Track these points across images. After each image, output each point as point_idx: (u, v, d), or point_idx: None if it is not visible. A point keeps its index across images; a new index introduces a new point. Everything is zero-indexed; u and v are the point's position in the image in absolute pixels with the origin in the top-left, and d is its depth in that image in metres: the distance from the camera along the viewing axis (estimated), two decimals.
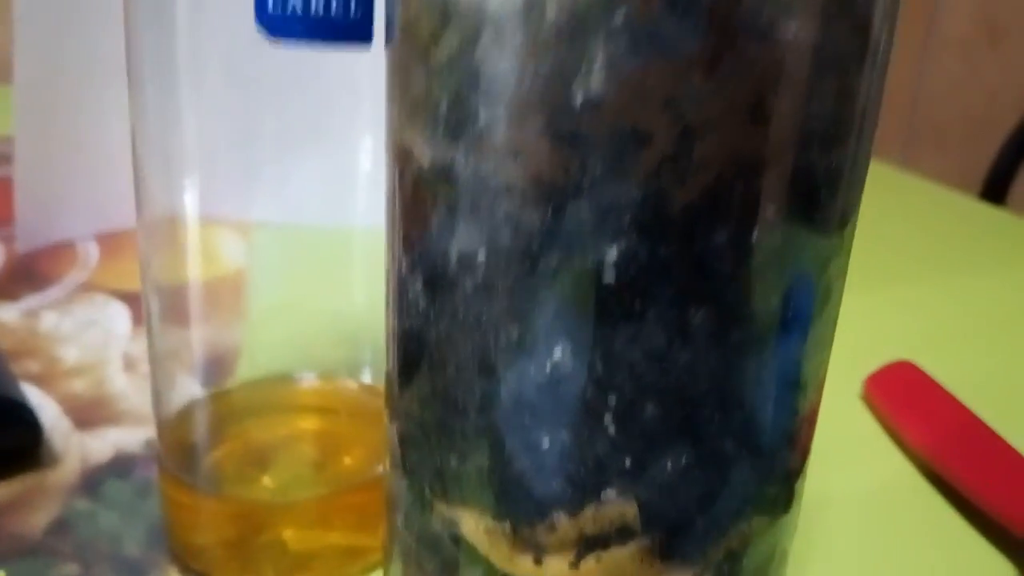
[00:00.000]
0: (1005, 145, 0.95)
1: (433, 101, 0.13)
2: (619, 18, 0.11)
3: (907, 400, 0.34)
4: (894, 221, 0.59)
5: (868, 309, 0.45)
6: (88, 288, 0.40)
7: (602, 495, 0.14)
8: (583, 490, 0.14)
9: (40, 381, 0.32)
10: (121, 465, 0.28)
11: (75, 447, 0.29)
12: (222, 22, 0.20)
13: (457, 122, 0.13)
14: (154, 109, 0.21)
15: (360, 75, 0.21)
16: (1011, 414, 0.35)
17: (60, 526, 0.25)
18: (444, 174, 0.13)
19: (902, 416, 0.33)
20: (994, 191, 0.93)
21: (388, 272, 0.16)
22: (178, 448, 0.24)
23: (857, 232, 0.56)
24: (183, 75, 0.21)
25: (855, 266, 0.51)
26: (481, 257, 0.13)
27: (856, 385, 0.37)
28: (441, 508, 0.16)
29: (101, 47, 0.41)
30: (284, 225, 0.25)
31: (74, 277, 0.41)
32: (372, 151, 0.24)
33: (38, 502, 0.26)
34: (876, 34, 0.12)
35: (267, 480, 0.24)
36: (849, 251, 0.15)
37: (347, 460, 0.25)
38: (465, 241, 0.13)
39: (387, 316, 0.17)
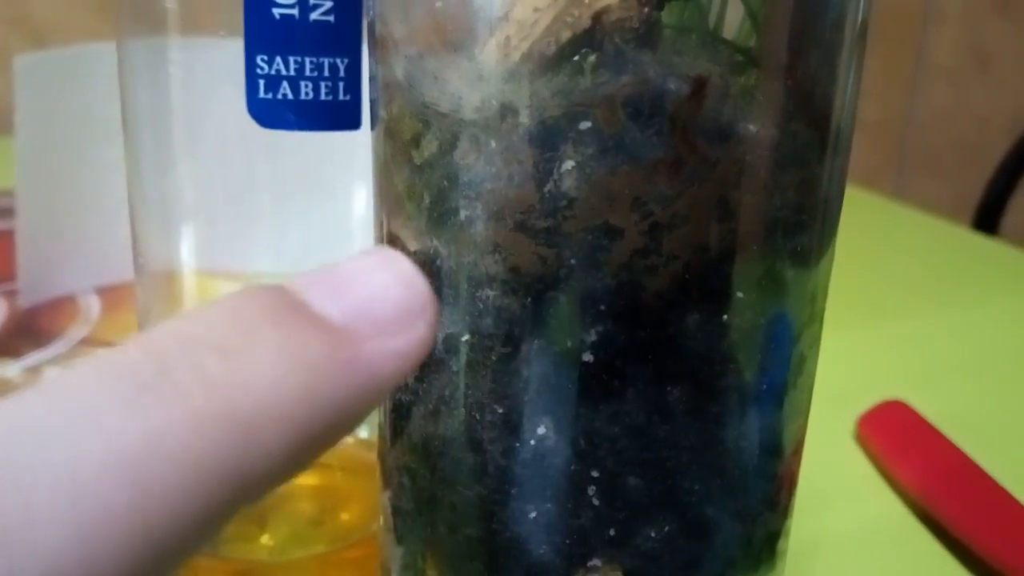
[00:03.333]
0: (996, 172, 0.96)
1: (416, 195, 0.13)
2: (586, 126, 0.12)
3: (899, 441, 0.34)
4: (886, 253, 0.60)
5: (860, 346, 0.45)
6: (90, 342, 0.41)
7: (588, 563, 0.15)
8: (570, 559, 0.15)
9: None
10: None
11: None
12: (215, 78, 0.20)
13: (439, 216, 0.13)
14: (150, 164, 0.22)
15: None
16: (1005, 453, 0.35)
17: None
18: (428, 262, 0.14)
19: (894, 457, 0.34)
20: (987, 219, 0.94)
21: None
22: None
23: (849, 265, 0.57)
24: (178, 129, 0.21)
25: (846, 302, 0.51)
26: (465, 339, 0.14)
27: (849, 425, 0.37)
28: (432, 575, 0.16)
29: (102, 102, 0.42)
30: (281, 275, 0.25)
31: (76, 332, 0.42)
32: (367, 199, 0.25)
33: None
34: (835, 125, 0.13)
35: (266, 538, 0.24)
36: (821, 320, 0.16)
37: (344, 516, 0.26)
38: (450, 325, 0.14)
39: None
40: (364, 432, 0.27)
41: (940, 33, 1.23)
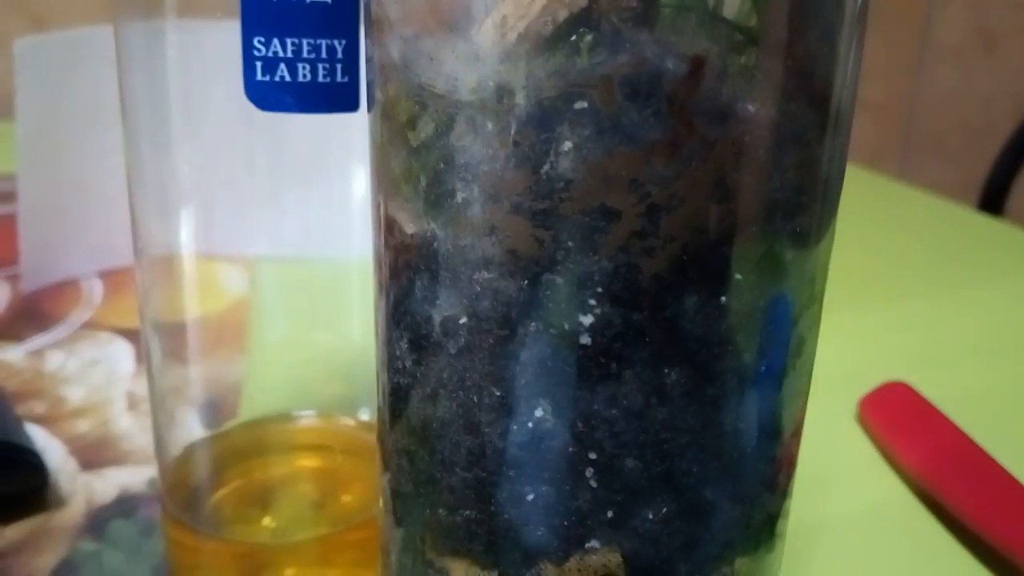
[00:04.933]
0: (1002, 153, 0.95)
1: (413, 177, 0.13)
2: (583, 107, 0.12)
3: (901, 422, 0.34)
4: (891, 234, 0.60)
5: (863, 327, 0.45)
6: (92, 326, 0.41)
7: (586, 545, 0.15)
8: (568, 541, 0.15)
9: (46, 422, 0.33)
10: (126, 505, 0.29)
11: (81, 488, 0.29)
12: (213, 61, 0.20)
13: (436, 198, 0.13)
14: (148, 147, 0.22)
15: None
16: (1007, 434, 0.35)
17: (66, 567, 0.26)
18: (426, 245, 0.14)
19: (896, 438, 0.34)
20: (992, 200, 0.94)
21: (376, 328, 0.17)
22: (180, 491, 0.24)
23: (854, 247, 0.57)
24: (175, 113, 0.21)
25: (850, 283, 0.51)
26: (463, 322, 0.14)
27: (851, 406, 0.37)
28: (432, 557, 0.16)
29: (102, 85, 0.42)
30: (281, 259, 0.25)
31: (78, 316, 0.42)
32: (366, 182, 0.24)
33: (44, 544, 0.27)
34: (835, 105, 0.13)
35: (268, 521, 0.25)
36: (821, 302, 0.16)
37: (346, 498, 0.26)
38: (447, 307, 0.14)
39: (376, 369, 0.17)
40: (366, 414, 0.27)
41: (946, 14, 1.22)
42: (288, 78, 0.18)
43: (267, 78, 0.18)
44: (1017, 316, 0.47)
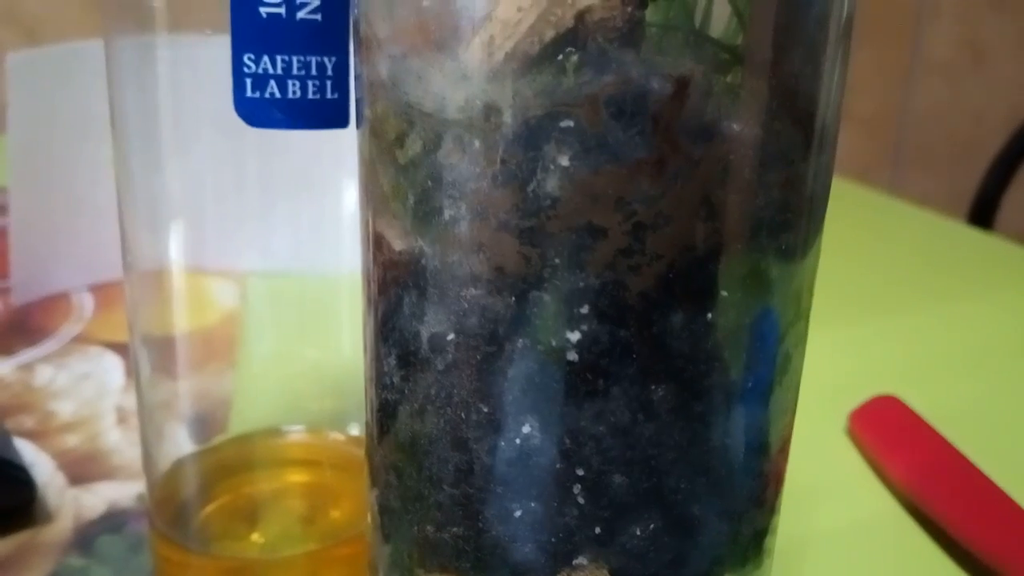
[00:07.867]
0: (991, 167, 0.96)
1: (401, 195, 0.13)
2: (570, 126, 0.12)
3: (891, 436, 0.34)
4: (881, 248, 0.60)
5: (853, 341, 0.45)
6: (82, 340, 0.41)
7: (574, 561, 0.15)
8: (555, 557, 0.15)
9: (35, 436, 0.33)
10: (114, 520, 0.28)
11: (69, 503, 0.29)
12: (203, 77, 0.20)
13: (424, 215, 0.13)
14: (138, 162, 0.22)
15: None
16: (996, 448, 0.35)
17: None
18: (414, 262, 0.14)
19: (886, 452, 0.34)
20: (982, 214, 0.94)
21: (365, 345, 0.17)
22: (168, 506, 0.24)
23: (843, 260, 0.57)
24: (166, 128, 0.21)
25: (840, 296, 0.51)
26: (450, 339, 0.14)
27: (842, 419, 0.37)
28: (419, 573, 0.16)
29: (95, 99, 0.42)
30: (271, 273, 0.25)
31: (69, 329, 0.42)
32: (356, 198, 0.24)
33: (31, 560, 0.26)
34: (820, 122, 0.13)
35: (256, 536, 0.24)
36: (807, 318, 0.16)
37: (335, 514, 0.26)
38: (435, 324, 0.14)
39: (365, 386, 0.17)
40: (355, 430, 0.27)
41: (935, 28, 1.23)
42: (278, 95, 0.18)
43: (257, 95, 0.18)
44: (1007, 330, 0.48)
